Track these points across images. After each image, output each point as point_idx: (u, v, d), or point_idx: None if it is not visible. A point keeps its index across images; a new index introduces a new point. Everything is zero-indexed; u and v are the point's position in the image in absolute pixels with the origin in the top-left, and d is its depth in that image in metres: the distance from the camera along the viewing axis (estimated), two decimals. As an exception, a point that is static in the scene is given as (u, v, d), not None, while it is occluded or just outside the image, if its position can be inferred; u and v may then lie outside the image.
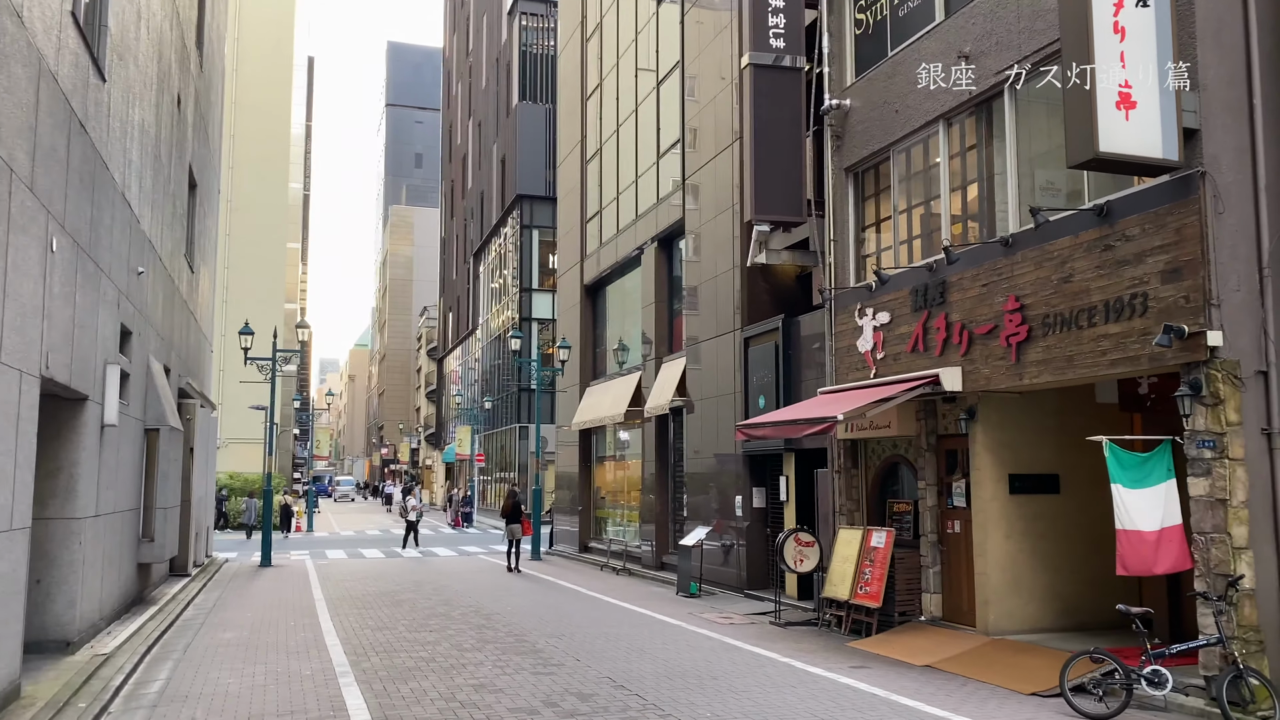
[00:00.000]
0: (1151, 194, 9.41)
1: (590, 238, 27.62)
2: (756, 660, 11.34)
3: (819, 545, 14.32)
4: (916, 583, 12.99)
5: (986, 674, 10.24)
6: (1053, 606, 11.90)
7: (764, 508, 17.62)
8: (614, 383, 25.12)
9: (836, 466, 14.57)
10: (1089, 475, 12.15)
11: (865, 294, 13.87)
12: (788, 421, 12.83)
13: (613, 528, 26.00)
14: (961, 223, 12.66)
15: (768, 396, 16.71)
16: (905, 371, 12.81)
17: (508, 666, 10.86)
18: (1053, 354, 10.48)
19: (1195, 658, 8.85)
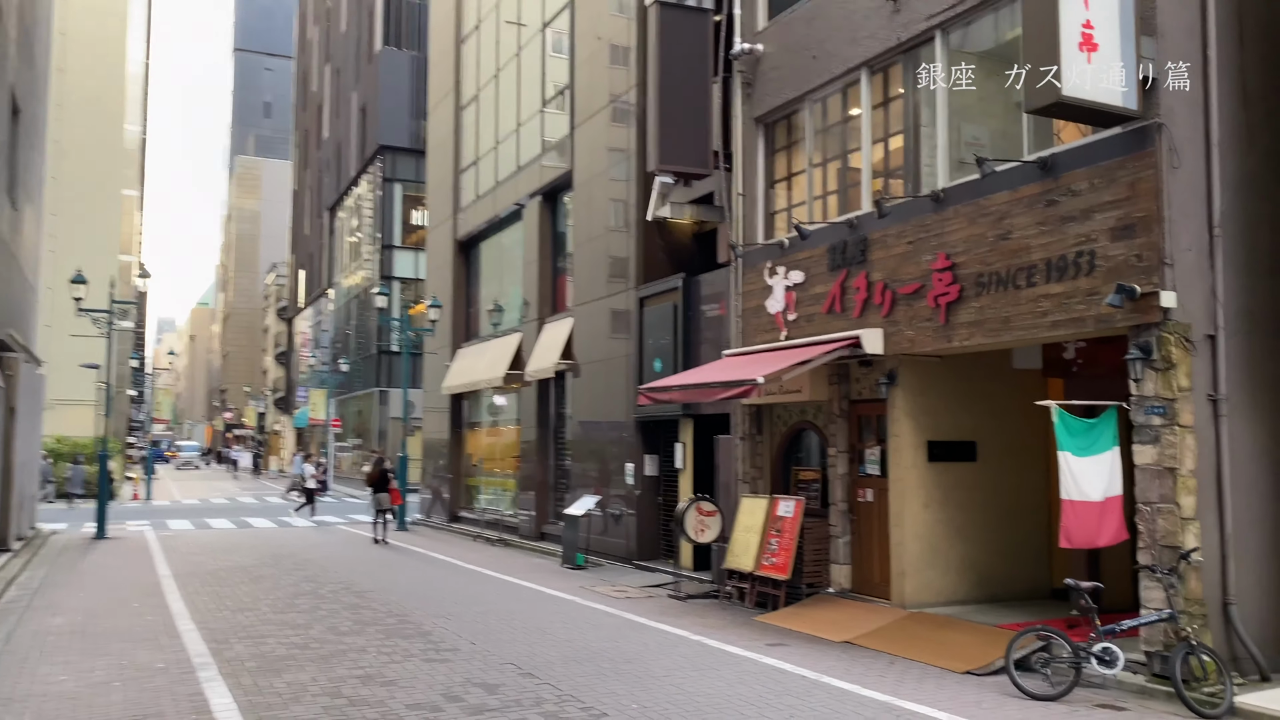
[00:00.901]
0: (1102, 146, 8.91)
1: (465, 191, 26.11)
2: (667, 639, 10.52)
3: (721, 515, 13.61)
4: (825, 553, 12.43)
5: (913, 651, 9.71)
6: (967, 578, 11.52)
7: (656, 476, 16.84)
8: (490, 345, 23.85)
9: (741, 433, 13.87)
10: (1004, 443, 11.83)
11: (777, 252, 13.14)
12: (700, 384, 12.00)
13: (486, 497, 24.82)
14: (883, 178, 12.04)
15: (665, 359, 15.87)
16: (820, 334, 12.15)
17: (395, 653, 9.70)
18: (986, 315, 9.96)
19: (1136, 632, 8.50)
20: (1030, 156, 9.61)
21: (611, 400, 17.64)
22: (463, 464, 26.28)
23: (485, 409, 25.40)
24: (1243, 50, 8.97)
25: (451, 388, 25.28)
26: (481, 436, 25.75)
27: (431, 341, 27.74)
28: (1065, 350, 10.76)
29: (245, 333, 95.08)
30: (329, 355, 52.16)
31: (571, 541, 17.00)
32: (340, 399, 49.09)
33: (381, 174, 43.69)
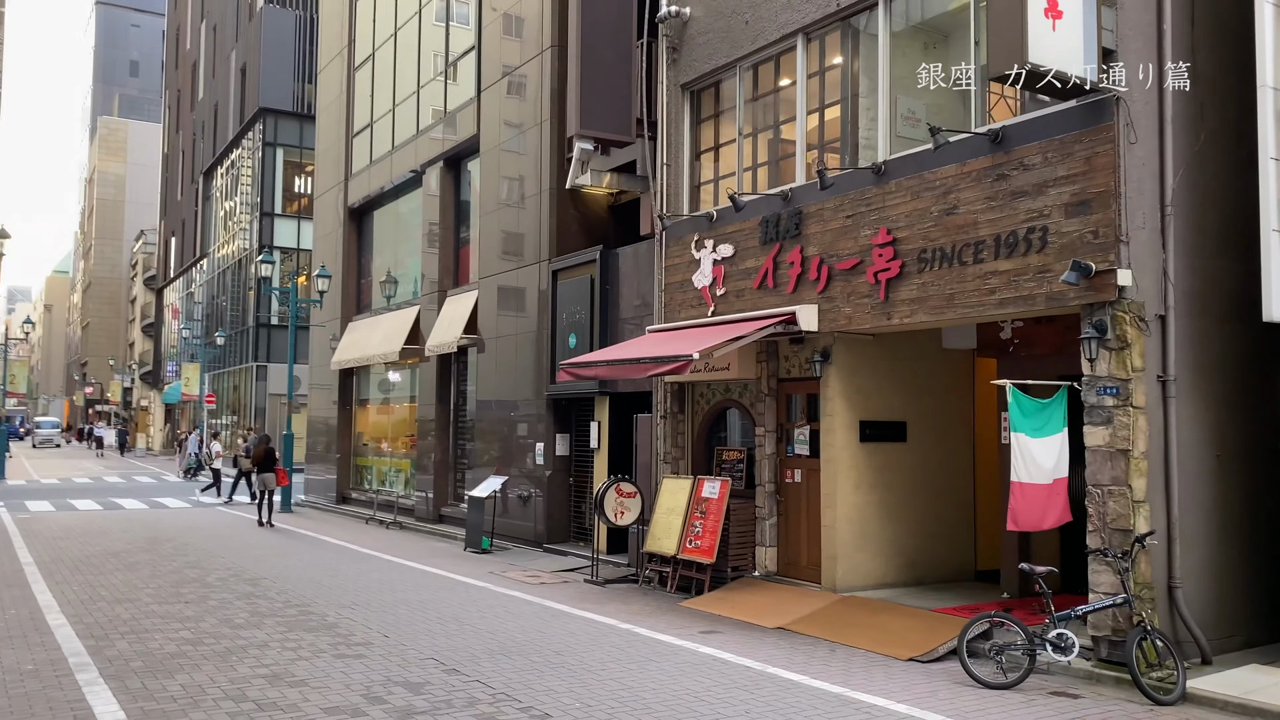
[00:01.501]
0: (1057, 120, 8.67)
1: (357, 155, 24.81)
2: (594, 628, 9.97)
3: (641, 496, 13.10)
4: (750, 536, 12.06)
5: (852, 638, 9.40)
6: (896, 561, 11.31)
7: (568, 455, 16.22)
8: (385, 318, 22.75)
9: (663, 411, 13.37)
10: (933, 423, 11.66)
11: (705, 224, 12.65)
12: (628, 360, 11.43)
13: (378, 478, 23.74)
14: (818, 150, 11.66)
15: (581, 335, 15.23)
16: (750, 310, 11.72)
17: (302, 648, 8.87)
18: (929, 292, 9.68)
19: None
20: (981, 129, 9.32)
21: (521, 377, 16.92)
22: (352, 443, 25.10)
23: (378, 385, 24.29)
24: (1193, 27, 8.85)
25: (342, 363, 24.07)
26: (373, 414, 24.64)
27: (319, 314, 26.39)
28: (1001, 330, 10.59)
29: (108, 303, 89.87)
30: (202, 328, 49.62)
31: (476, 524, 16.25)
32: (214, 374, 46.77)
33: (262, 138, 41.58)
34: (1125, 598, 7.73)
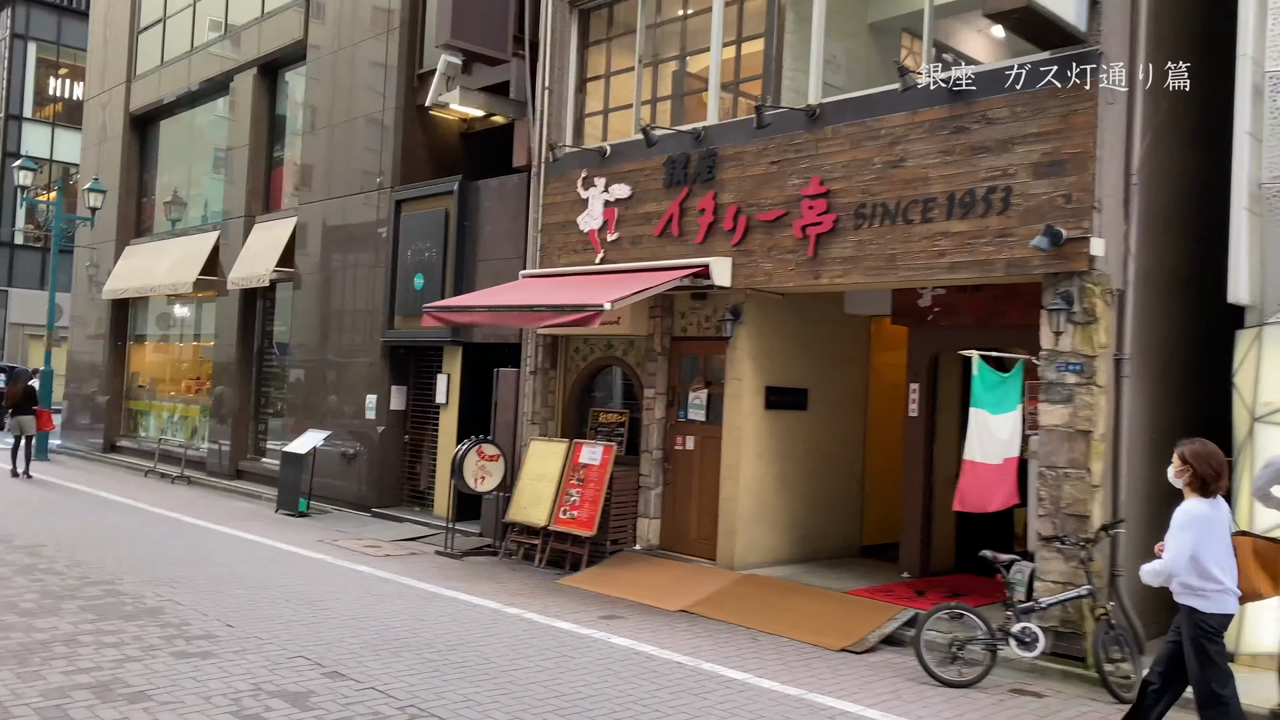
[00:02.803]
0: (1029, 72, 8.01)
1: (145, 54, 21.54)
2: (477, 614, 8.64)
3: (504, 460, 11.75)
4: (632, 507, 11.02)
5: (769, 624, 8.56)
6: (791, 536, 10.61)
7: (404, 410, 14.55)
8: (174, 244, 19.92)
9: (533, 366, 12.03)
10: (830, 392, 11.03)
11: (595, 161, 11.35)
12: (515, 307, 10.03)
13: (158, 425, 20.94)
14: (733, 88, 10.63)
15: (430, 276, 13.57)
16: (649, 259, 10.59)
17: (126, 643, 7.06)
18: (867, 251, 8.89)
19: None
20: (938, 76, 8.55)
21: (350, 319, 15.03)
22: (125, 384, 22.05)
23: (160, 320, 21.39)
24: (1167, -9, 8.41)
25: (117, 291, 20.96)
26: (152, 353, 21.72)
27: (86, 234, 22.94)
28: (920, 296, 9.99)
29: None
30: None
31: (292, 484, 14.34)
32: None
33: (10, 29, 36.09)
34: (1090, 589, 7.25)
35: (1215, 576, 5.15)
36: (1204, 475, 5.25)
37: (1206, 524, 5.19)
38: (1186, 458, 5.29)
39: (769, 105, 9.46)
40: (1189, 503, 5.28)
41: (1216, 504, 5.28)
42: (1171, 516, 5.32)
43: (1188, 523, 5.19)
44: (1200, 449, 5.31)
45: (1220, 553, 5.21)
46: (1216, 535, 5.23)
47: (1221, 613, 5.20)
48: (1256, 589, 5.64)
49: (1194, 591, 5.20)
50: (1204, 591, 5.17)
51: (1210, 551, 5.16)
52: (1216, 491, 5.28)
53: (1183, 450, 5.34)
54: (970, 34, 11.45)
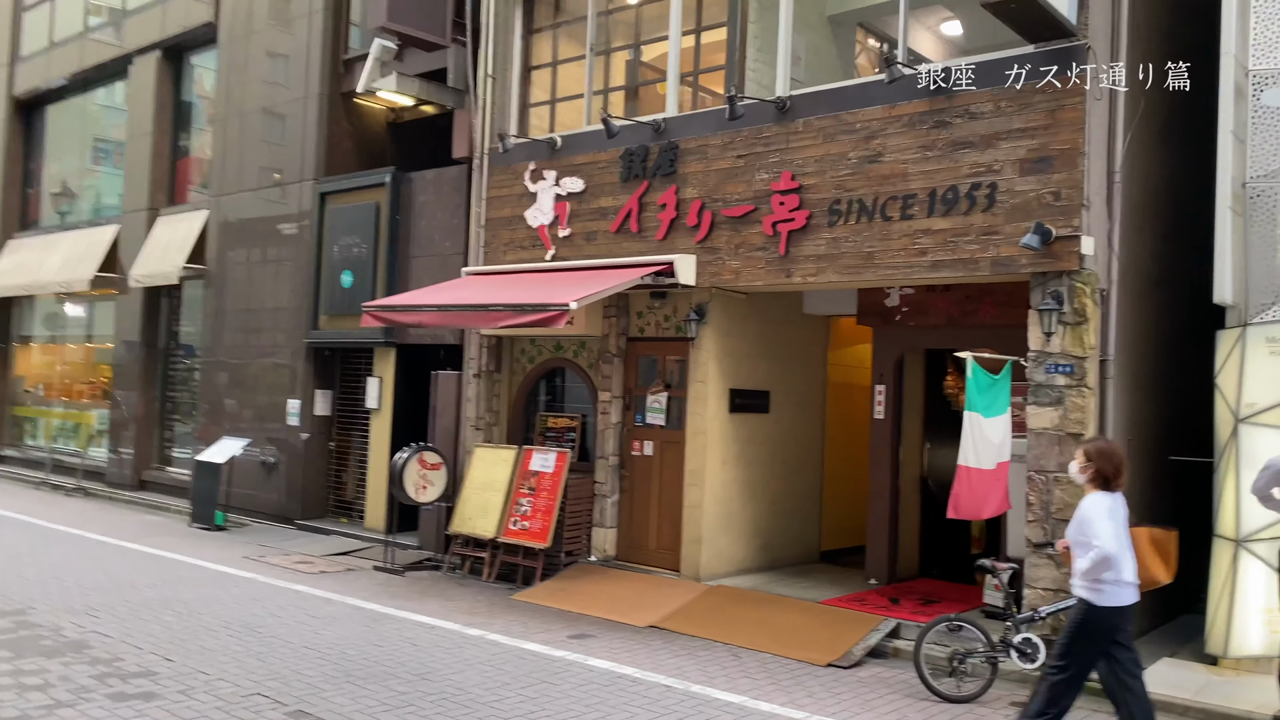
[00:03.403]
0: (1015, 66, 7.80)
1: (31, 34, 19.97)
2: (438, 636, 8.03)
3: (446, 468, 11.11)
4: (586, 516, 10.52)
5: (747, 639, 8.17)
6: (754, 543, 10.26)
7: (329, 416, 13.73)
8: (65, 238, 18.52)
9: (477, 368, 11.41)
10: (791, 394, 10.75)
11: (545, 152, 10.80)
12: (467, 307, 9.41)
13: (49, 432, 19.47)
14: (692, 81, 10.22)
15: (360, 273, 12.80)
16: (606, 256, 10.11)
17: (52, 685, 6.25)
18: (843, 249, 8.59)
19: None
20: (921, 69, 8.29)
21: (269, 319, 14.12)
22: (9, 389, 20.47)
23: (49, 320, 19.90)
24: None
25: (1, 289, 19.42)
26: (41, 355, 20.21)
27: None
28: (887, 296, 9.74)
29: None
30: None
31: (208, 495, 13.38)
32: None
33: None
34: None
35: (1119, 570, 5.35)
36: (1105, 472, 5.51)
37: (1112, 516, 5.40)
38: (1090, 455, 5.58)
39: (740, 96, 9.04)
40: (1093, 496, 5.50)
41: (1116, 499, 5.53)
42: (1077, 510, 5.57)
43: (1101, 513, 5.39)
44: (1103, 447, 5.63)
45: (1122, 546, 5.41)
46: (1120, 529, 5.44)
47: (1115, 606, 5.39)
48: (1154, 576, 5.92)
49: (1093, 586, 5.38)
50: (1101, 587, 5.36)
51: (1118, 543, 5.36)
52: (1117, 487, 5.53)
53: (1087, 448, 5.65)
54: (921, 31, 11.32)
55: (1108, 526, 5.32)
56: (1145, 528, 5.98)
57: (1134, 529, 5.72)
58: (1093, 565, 5.32)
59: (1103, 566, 5.31)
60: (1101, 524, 5.33)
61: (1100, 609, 5.37)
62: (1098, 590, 5.36)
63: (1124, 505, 5.57)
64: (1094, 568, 5.33)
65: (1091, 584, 5.38)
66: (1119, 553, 5.30)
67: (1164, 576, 5.98)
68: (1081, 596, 5.45)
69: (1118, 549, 5.30)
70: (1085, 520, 5.43)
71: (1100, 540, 5.28)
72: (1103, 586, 5.35)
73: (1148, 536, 5.93)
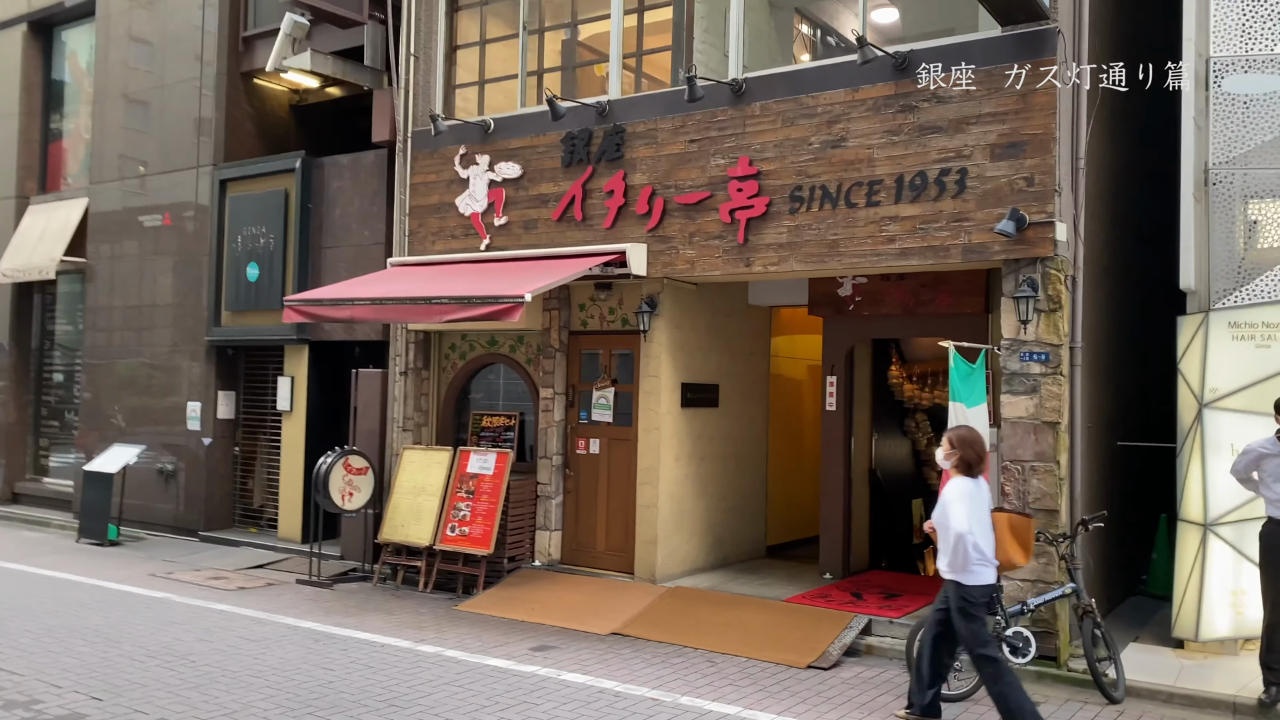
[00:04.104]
0: (982, 48, 7.67)
1: None
2: (393, 656, 7.42)
3: (373, 472, 10.42)
4: (529, 519, 10.01)
5: (719, 642, 7.84)
6: (706, 541, 9.94)
7: (234, 419, 12.78)
8: (-83, 228, 16.81)
9: (403, 366, 10.74)
10: (739, 387, 10.49)
11: (477, 135, 10.22)
12: (404, 299, 8.76)
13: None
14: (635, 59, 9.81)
15: (267, 265, 11.92)
16: (548, 245, 9.61)
17: (-35, 739, 5.45)
18: (806, 237, 8.32)
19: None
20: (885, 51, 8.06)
21: (164, 316, 13.05)
22: None
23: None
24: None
25: None
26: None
27: None
28: (840, 285, 9.54)
29: None
30: None
31: (99, 508, 12.28)
32: None
33: None
34: (1074, 588, 6.97)
35: (981, 549, 5.70)
36: (969, 458, 5.84)
37: (972, 500, 5.73)
38: (954, 443, 5.89)
39: (700, 77, 8.66)
40: (956, 481, 5.81)
41: (979, 484, 5.87)
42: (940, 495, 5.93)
43: (960, 496, 5.72)
44: (967, 435, 5.94)
45: (982, 528, 5.77)
46: (979, 512, 5.78)
47: (981, 584, 5.76)
48: (1011, 559, 6.24)
49: (959, 567, 5.70)
50: (970, 567, 5.68)
51: (976, 526, 5.71)
52: (979, 473, 5.87)
53: (951, 436, 5.95)
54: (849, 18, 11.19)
55: (962, 509, 5.64)
56: (1006, 513, 6.33)
57: (995, 514, 6.06)
58: (951, 547, 5.68)
59: (960, 546, 5.64)
60: (957, 507, 5.67)
61: (971, 587, 5.73)
62: (967, 571, 5.71)
63: (986, 490, 5.93)
64: (953, 549, 5.68)
65: (958, 565, 5.71)
66: (973, 534, 5.63)
67: (1021, 560, 6.32)
68: (950, 578, 5.77)
69: (969, 529, 5.62)
70: (945, 503, 5.78)
71: (954, 522, 5.64)
72: (971, 566, 5.69)
73: (1008, 522, 6.26)
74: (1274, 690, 6.45)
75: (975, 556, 5.69)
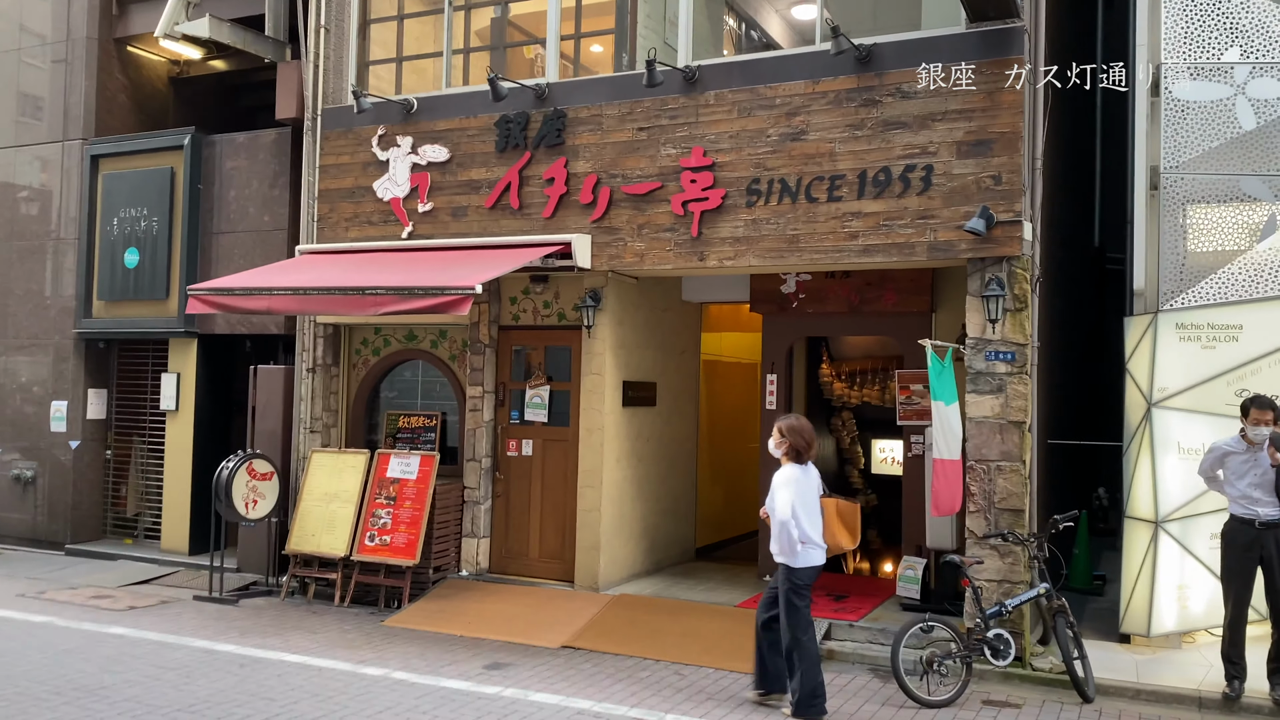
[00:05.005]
0: (948, 44, 7.59)
1: None
2: (334, 683, 6.74)
3: (278, 478, 9.59)
4: (455, 526, 9.41)
5: (679, 653, 7.50)
6: (642, 545, 9.58)
7: (105, 419, 11.58)
8: None
9: (311, 362, 9.93)
10: (672, 386, 10.18)
11: (398, 115, 9.52)
12: (330, 289, 8.01)
13: None
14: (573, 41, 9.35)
15: (151, 251, 10.83)
16: (480, 234, 9.05)
17: None
18: (763, 231, 8.07)
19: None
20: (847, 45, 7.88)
21: (21, 305, 11.70)
22: None
23: None
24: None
25: None
26: None
27: None
28: (784, 282, 9.33)
29: None
30: None
31: (-57, 520, 10.92)
32: None
33: None
34: (1047, 588, 6.95)
35: (807, 534, 5.98)
36: (798, 446, 6.12)
37: (800, 486, 5.99)
38: (784, 431, 6.15)
39: (657, 61, 8.25)
40: (787, 468, 6.10)
41: (808, 470, 6.17)
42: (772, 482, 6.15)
43: (787, 482, 6.02)
44: (795, 424, 6.21)
45: (810, 513, 6.05)
46: (808, 497, 6.07)
47: (809, 566, 6.06)
48: (839, 543, 6.41)
49: (787, 552, 5.98)
50: (794, 550, 5.95)
51: (803, 511, 5.99)
52: (808, 460, 6.17)
53: (781, 425, 6.20)
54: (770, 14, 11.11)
55: (787, 496, 5.92)
56: (834, 499, 6.45)
57: (824, 499, 6.27)
58: (777, 533, 5.96)
59: (784, 532, 5.90)
60: (783, 494, 5.95)
61: (799, 569, 6.02)
62: (795, 555, 5.98)
63: (816, 475, 6.23)
64: (778, 535, 5.95)
65: (786, 550, 5.98)
66: (796, 520, 5.91)
67: (848, 543, 6.49)
68: (781, 562, 6.06)
69: (791, 516, 5.90)
70: (773, 490, 6.06)
71: (778, 509, 5.93)
72: (798, 550, 5.96)
73: (835, 508, 6.40)
74: (1237, 684, 6.59)
75: (802, 540, 5.93)
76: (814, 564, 6.05)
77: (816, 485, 6.20)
